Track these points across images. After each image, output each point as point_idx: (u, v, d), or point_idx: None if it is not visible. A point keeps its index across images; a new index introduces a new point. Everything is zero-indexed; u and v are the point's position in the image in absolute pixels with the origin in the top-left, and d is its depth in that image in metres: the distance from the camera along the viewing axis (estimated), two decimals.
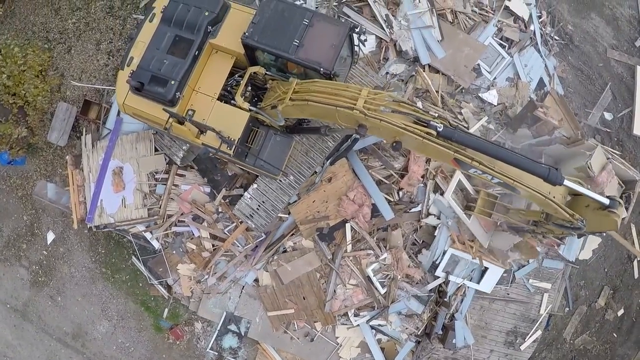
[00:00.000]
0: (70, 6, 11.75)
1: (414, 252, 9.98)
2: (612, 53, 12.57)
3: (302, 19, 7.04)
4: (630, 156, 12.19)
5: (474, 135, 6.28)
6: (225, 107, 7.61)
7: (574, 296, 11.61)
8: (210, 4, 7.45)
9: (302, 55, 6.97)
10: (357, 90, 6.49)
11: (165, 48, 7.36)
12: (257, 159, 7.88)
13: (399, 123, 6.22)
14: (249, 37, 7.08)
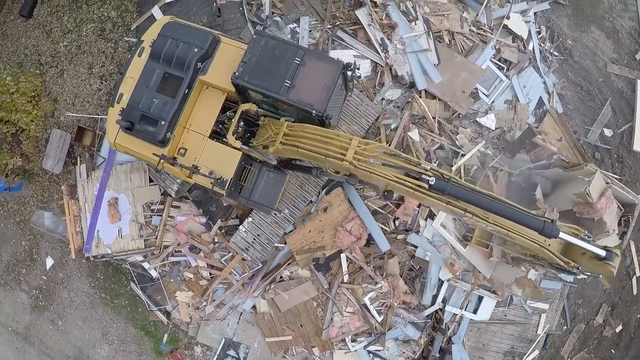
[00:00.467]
0: (62, 29, 11.55)
1: (410, 278, 9.93)
2: (612, 67, 12.31)
3: (294, 58, 6.84)
4: (630, 172, 12.04)
5: (467, 187, 6.13)
6: (217, 145, 7.48)
7: (572, 314, 11.59)
8: (200, 40, 7.24)
9: (293, 97, 6.79)
10: (347, 140, 6.32)
11: (155, 86, 7.18)
12: (249, 198, 7.76)
13: (390, 176, 6.08)
14: (238, 77, 6.90)
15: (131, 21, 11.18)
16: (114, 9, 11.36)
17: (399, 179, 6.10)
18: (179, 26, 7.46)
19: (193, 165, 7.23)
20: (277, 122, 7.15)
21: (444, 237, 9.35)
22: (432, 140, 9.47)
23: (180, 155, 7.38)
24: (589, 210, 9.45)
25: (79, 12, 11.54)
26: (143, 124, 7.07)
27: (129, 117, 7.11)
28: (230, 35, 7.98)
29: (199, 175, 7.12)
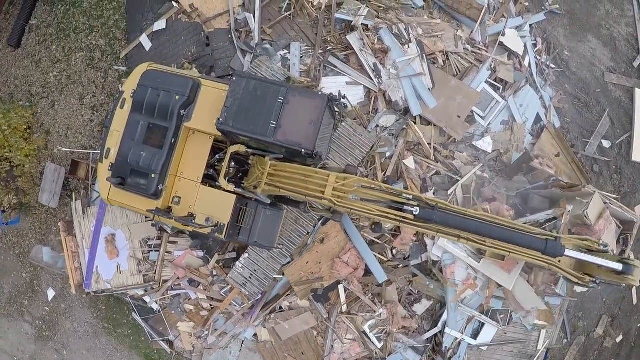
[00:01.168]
0: (51, 58, 11.34)
1: (409, 302, 9.89)
2: (610, 77, 12.05)
3: (277, 97, 6.68)
4: (629, 183, 11.88)
5: (457, 213, 5.91)
6: (210, 191, 7.36)
7: (572, 327, 11.56)
8: (180, 87, 7.05)
9: (280, 138, 6.66)
10: (325, 177, 6.21)
11: (141, 138, 7.02)
12: (249, 239, 7.65)
13: (372, 210, 5.94)
14: (223, 123, 6.74)
15: (120, 49, 10.95)
16: (102, 37, 11.13)
17: (381, 212, 5.95)
18: (158, 74, 7.25)
19: (189, 213, 7.10)
20: (264, 161, 7.02)
21: (454, 254, 9.16)
22: (428, 167, 9.32)
23: (175, 204, 7.26)
24: (588, 232, 9.34)
25: (67, 40, 11.31)
26: (134, 178, 6.94)
27: (119, 172, 6.97)
28: (210, 77, 7.78)
29: (196, 225, 7.03)
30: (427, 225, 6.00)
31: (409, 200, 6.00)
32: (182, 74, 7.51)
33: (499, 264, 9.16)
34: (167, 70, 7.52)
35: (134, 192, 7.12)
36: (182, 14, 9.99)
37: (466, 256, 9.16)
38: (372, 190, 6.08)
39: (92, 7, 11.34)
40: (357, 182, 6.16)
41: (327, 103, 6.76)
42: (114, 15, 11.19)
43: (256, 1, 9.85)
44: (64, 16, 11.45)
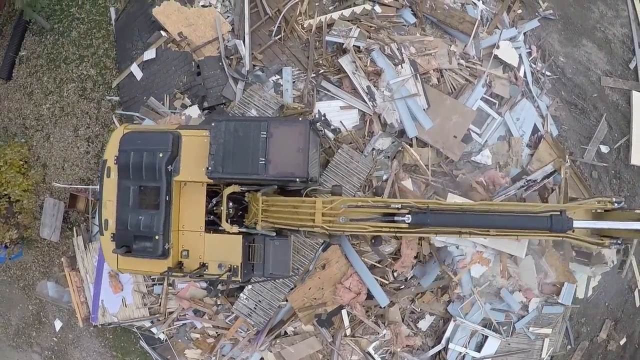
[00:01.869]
0: (43, 90, 11.21)
1: (412, 320, 9.90)
2: (607, 81, 11.87)
3: (260, 133, 6.56)
4: (629, 187, 11.79)
5: (451, 209, 5.70)
6: (216, 237, 7.24)
7: (575, 333, 11.59)
8: (161, 143, 6.90)
9: (273, 172, 6.57)
10: (312, 204, 6.12)
11: (135, 203, 6.89)
12: (264, 273, 7.54)
13: (365, 227, 5.82)
14: (213, 171, 6.63)
15: (111, 79, 10.81)
16: (93, 66, 10.98)
17: (374, 227, 5.84)
18: (136, 135, 7.10)
19: (200, 264, 7.03)
20: (257, 197, 6.96)
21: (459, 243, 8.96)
22: (427, 186, 9.23)
23: (185, 258, 7.17)
24: None
25: (58, 71, 11.16)
26: (139, 243, 6.84)
27: (122, 241, 6.88)
28: (188, 126, 7.63)
29: (209, 269, 6.99)
30: (424, 230, 5.80)
31: (399, 210, 5.81)
32: (160, 129, 7.34)
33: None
34: (144, 129, 7.37)
35: (142, 257, 7.03)
36: (171, 42, 9.82)
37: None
38: (360, 208, 5.92)
39: (81, 36, 11.18)
40: (343, 203, 6.01)
41: (309, 127, 6.69)
42: (103, 44, 11.03)
43: (245, 26, 9.68)
44: (53, 46, 11.29)
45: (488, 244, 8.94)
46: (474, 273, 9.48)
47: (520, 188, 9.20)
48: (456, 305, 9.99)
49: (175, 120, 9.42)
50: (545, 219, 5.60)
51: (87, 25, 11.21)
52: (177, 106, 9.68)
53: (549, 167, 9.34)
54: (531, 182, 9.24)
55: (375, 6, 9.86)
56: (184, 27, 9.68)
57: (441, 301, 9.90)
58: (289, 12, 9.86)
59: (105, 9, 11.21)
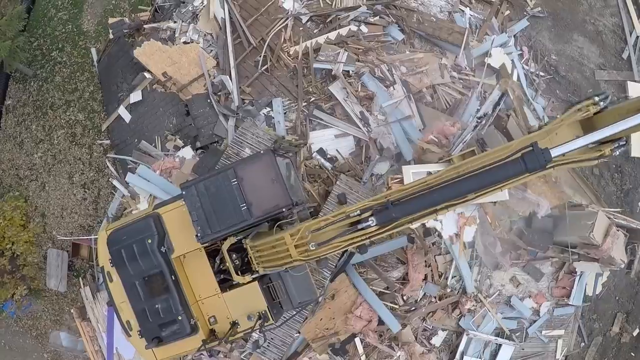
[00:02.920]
0: (33, 138, 10.94)
1: (425, 338, 9.80)
2: (601, 74, 11.56)
3: (230, 181, 6.40)
4: (631, 179, 11.57)
5: (415, 192, 5.22)
6: (234, 293, 7.07)
7: (588, 330, 11.52)
8: (145, 230, 6.79)
9: (258, 212, 6.40)
10: (282, 240, 5.92)
11: (146, 294, 6.80)
12: (293, 305, 7.41)
13: (338, 245, 5.54)
14: (203, 236, 6.50)
15: (100, 122, 10.51)
16: (80, 110, 10.68)
17: (346, 241, 5.52)
18: (119, 232, 6.98)
19: (231, 324, 6.92)
20: (249, 241, 6.70)
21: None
22: None
23: (214, 324, 7.08)
24: (596, 251, 9.14)
25: (45, 118, 10.87)
26: (166, 330, 6.76)
27: (150, 334, 6.80)
28: (164, 201, 7.44)
29: (243, 330, 6.93)
30: (396, 225, 5.38)
31: (360, 215, 5.46)
32: (139, 216, 7.22)
33: None
34: (124, 223, 7.23)
35: (175, 340, 6.91)
36: (157, 83, 9.51)
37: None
38: (325, 229, 5.62)
39: (65, 81, 10.85)
40: (307, 230, 5.72)
41: (274, 155, 6.60)
42: (88, 86, 10.71)
43: (230, 59, 9.36)
44: (38, 93, 10.98)
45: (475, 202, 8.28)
46: (466, 238, 8.97)
47: (475, 129, 8.51)
48: (468, 319, 9.88)
49: (170, 164, 9.18)
50: (519, 163, 4.94)
51: (70, 69, 10.88)
52: (170, 148, 9.42)
53: (496, 92, 8.53)
54: (483, 117, 8.49)
55: (360, 26, 9.51)
56: (168, 66, 9.36)
57: (452, 317, 9.80)
58: (274, 40, 9.53)
59: (87, 51, 10.86)
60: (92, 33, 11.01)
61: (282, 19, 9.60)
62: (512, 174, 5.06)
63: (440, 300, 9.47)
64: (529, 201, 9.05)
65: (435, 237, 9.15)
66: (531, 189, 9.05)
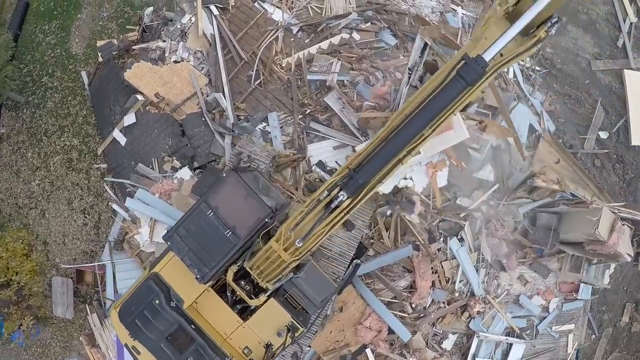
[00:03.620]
0: (29, 166, 10.78)
1: (436, 342, 9.71)
2: (597, 64, 11.37)
3: (206, 215, 6.35)
4: (632, 168, 11.42)
5: (371, 151, 5.11)
6: (256, 317, 6.98)
7: (598, 322, 11.43)
8: (149, 292, 6.71)
9: (244, 232, 6.33)
10: (270, 248, 5.86)
11: (175, 352, 6.65)
12: (316, 305, 7.28)
13: (321, 231, 5.43)
14: (203, 277, 6.41)
15: (95, 146, 10.35)
16: (74, 135, 10.50)
17: (327, 224, 5.41)
18: (127, 303, 6.87)
19: (265, 347, 6.85)
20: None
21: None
22: (432, 216, 8.88)
23: (249, 354, 7.01)
24: (602, 247, 9.00)
25: (40, 145, 10.69)
26: None
27: None
28: (156, 259, 7.38)
29: (278, 348, 6.85)
30: (367, 189, 5.24)
31: (329, 195, 5.33)
32: (139, 283, 7.10)
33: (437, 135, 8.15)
34: (128, 293, 7.13)
35: None
36: (150, 105, 9.32)
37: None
38: (303, 222, 5.51)
39: (57, 106, 10.67)
40: (287, 230, 5.66)
41: (238, 172, 6.59)
42: (81, 111, 10.53)
43: (222, 76, 9.17)
44: (31, 120, 10.80)
45: (426, 153, 8.12)
46: (440, 182, 8.70)
47: (409, 81, 8.34)
48: (477, 321, 9.78)
49: (168, 186, 9.02)
50: (456, 79, 4.77)
51: (62, 94, 10.69)
52: (167, 169, 9.25)
53: (418, 41, 8.31)
54: (410, 70, 8.33)
55: (352, 34, 9.31)
56: (159, 87, 9.17)
57: (462, 320, 9.69)
58: (265, 53, 9.33)
59: (77, 74, 10.67)
60: (82, 56, 10.82)
61: (272, 30, 9.40)
62: (455, 93, 4.89)
63: (449, 305, 9.36)
64: (481, 138, 8.70)
65: (441, 243, 9.04)
66: (490, 129, 8.72)
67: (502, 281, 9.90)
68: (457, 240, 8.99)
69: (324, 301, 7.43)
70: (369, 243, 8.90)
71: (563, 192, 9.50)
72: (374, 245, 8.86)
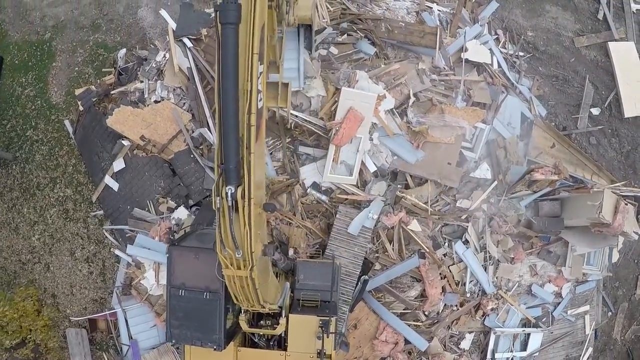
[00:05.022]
0: (27, 222, 10.62)
1: (454, 343, 9.63)
2: (580, 41, 11.08)
3: (179, 295, 6.55)
4: (629, 140, 11.18)
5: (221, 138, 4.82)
6: (291, 339, 7.01)
7: (612, 299, 11.31)
8: None
9: (217, 284, 6.37)
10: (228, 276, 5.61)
11: None
12: (334, 289, 7.36)
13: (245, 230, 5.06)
14: (219, 342, 6.54)
15: (89, 193, 10.18)
16: (67, 186, 10.33)
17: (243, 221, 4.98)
18: None
19: (318, 354, 6.85)
20: None
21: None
22: (433, 222, 8.73)
23: None
24: (608, 229, 8.85)
25: (34, 199, 10.53)
26: None
27: None
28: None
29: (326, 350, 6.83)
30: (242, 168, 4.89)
31: (222, 199, 4.90)
32: None
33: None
34: None
35: None
36: (137, 148, 9.13)
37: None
38: (225, 236, 5.12)
39: (46, 158, 10.49)
40: (221, 253, 5.29)
41: (176, 245, 6.79)
42: (69, 160, 10.35)
43: (205, 110, 8.96)
44: (22, 176, 10.62)
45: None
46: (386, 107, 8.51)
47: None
48: (492, 317, 9.68)
49: (166, 227, 8.89)
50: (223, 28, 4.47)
51: (48, 145, 10.50)
52: (164, 210, 9.10)
53: None
54: None
55: (330, 48, 9.07)
56: (143, 129, 8.97)
57: (477, 318, 9.59)
58: None
59: (60, 124, 10.46)
60: (62, 105, 10.60)
61: None
62: (232, 39, 4.48)
63: (462, 307, 9.27)
64: (450, 126, 8.64)
65: (446, 248, 8.90)
66: (448, 114, 8.71)
67: (513, 274, 9.73)
68: (461, 244, 8.84)
69: (336, 282, 7.47)
70: (374, 257, 8.78)
71: (564, 179, 9.32)
72: (380, 259, 8.74)
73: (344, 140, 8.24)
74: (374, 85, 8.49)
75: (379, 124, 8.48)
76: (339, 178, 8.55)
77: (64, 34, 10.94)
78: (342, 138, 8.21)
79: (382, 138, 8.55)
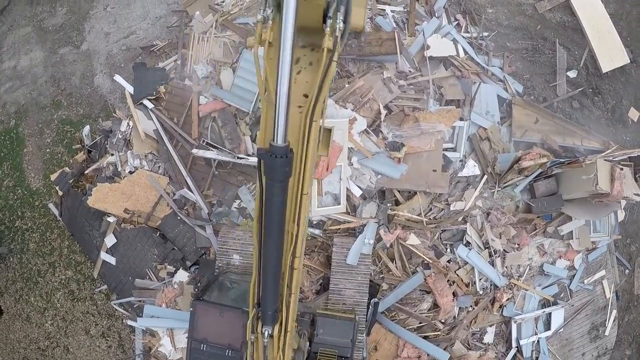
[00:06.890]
0: (36, 310, 10.63)
1: (477, 340, 9.55)
2: (542, 5, 10.65)
3: (201, 350, 6.47)
4: (612, 94, 10.83)
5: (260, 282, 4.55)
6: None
7: (627, 257, 11.13)
8: None
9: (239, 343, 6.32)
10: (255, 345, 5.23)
11: None
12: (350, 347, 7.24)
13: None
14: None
15: (89, 271, 10.11)
16: (67, 268, 10.28)
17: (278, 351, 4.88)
18: None
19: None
20: None
21: None
22: (431, 232, 8.55)
23: None
24: (609, 198, 8.62)
25: (38, 287, 10.51)
26: None
27: None
28: None
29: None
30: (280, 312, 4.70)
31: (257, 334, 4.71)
32: None
33: None
34: None
35: None
36: (123, 222, 9.01)
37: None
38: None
39: (40, 245, 10.42)
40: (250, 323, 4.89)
41: (201, 299, 6.71)
42: (63, 242, 10.27)
43: (181, 170, 8.79)
44: (21, 266, 10.59)
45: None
46: (359, 129, 8.30)
47: None
48: (510, 307, 9.58)
49: (171, 293, 8.82)
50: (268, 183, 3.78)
51: (39, 232, 10.43)
52: (164, 276, 9.03)
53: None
54: None
55: None
56: (125, 202, 8.83)
57: (494, 311, 9.49)
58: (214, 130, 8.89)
59: (45, 208, 10.36)
60: (43, 189, 10.48)
61: None
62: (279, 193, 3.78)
63: (477, 305, 9.15)
64: (428, 133, 8.35)
65: (449, 254, 8.75)
66: (423, 121, 8.48)
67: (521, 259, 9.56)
68: (463, 247, 8.68)
69: (354, 336, 7.32)
70: (379, 278, 8.65)
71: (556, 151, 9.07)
72: (385, 279, 8.62)
73: (324, 173, 8.05)
74: (342, 110, 8.24)
75: (356, 148, 8.25)
76: (327, 210, 8.36)
77: (27, 117, 10.76)
78: (322, 171, 8.01)
79: (362, 161, 8.33)
